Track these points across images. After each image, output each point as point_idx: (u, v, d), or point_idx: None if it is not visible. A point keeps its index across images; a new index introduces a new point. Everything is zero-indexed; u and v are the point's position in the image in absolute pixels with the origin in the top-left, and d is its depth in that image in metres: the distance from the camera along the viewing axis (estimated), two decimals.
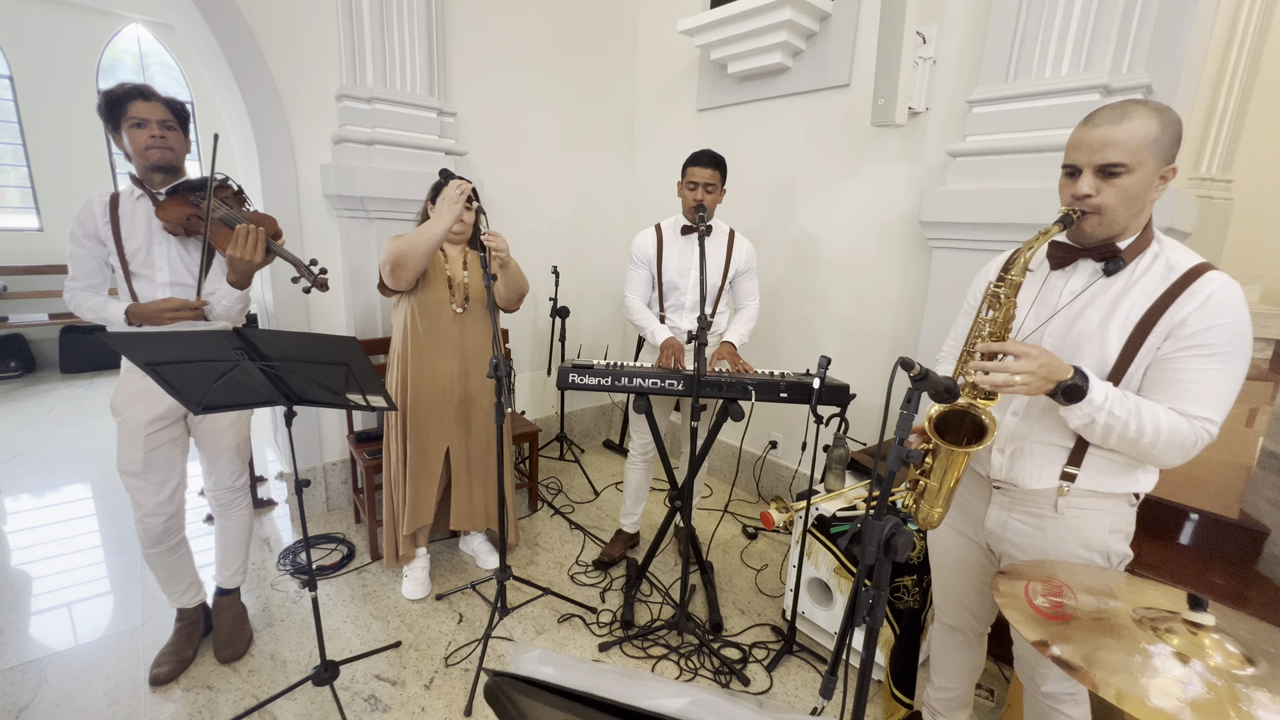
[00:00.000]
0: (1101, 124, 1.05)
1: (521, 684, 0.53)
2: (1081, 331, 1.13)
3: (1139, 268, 1.11)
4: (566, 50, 3.27)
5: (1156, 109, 1.03)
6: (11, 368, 4.95)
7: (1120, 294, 1.11)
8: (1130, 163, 1.03)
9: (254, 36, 2.33)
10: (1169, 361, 1.05)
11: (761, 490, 3.19)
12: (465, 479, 2.26)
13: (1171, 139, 1.04)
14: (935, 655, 1.62)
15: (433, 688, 1.85)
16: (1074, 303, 1.15)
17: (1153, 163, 1.03)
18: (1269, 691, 0.78)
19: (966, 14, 2.18)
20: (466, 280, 2.14)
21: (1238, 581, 1.80)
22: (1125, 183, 1.04)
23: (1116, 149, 1.03)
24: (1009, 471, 1.22)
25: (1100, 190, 1.06)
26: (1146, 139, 1.02)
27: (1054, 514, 1.20)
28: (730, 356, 2.17)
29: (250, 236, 1.64)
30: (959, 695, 1.60)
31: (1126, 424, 1.04)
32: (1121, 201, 1.05)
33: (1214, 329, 1.01)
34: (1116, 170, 1.04)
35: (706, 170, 2.17)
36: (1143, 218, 1.10)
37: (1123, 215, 1.07)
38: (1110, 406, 1.04)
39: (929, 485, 1.19)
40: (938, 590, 1.53)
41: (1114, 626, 0.91)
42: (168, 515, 1.80)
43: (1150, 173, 1.04)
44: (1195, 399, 1.03)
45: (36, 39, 5.14)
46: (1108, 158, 1.04)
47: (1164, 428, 1.03)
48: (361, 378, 1.42)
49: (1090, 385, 1.05)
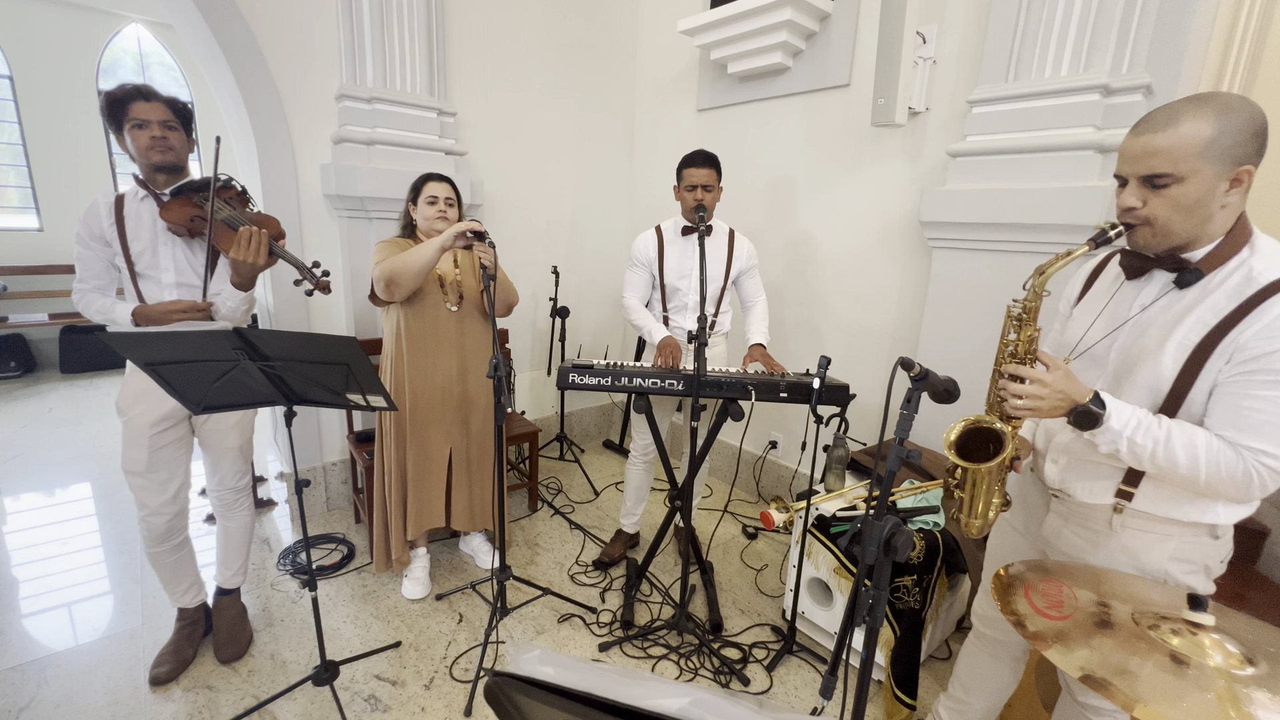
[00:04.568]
0: (1145, 131, 0.96)
1: (521, 684, 0.53)
2: (1142, 349, 1.04)
3: (1216, 279, 0.99)
4: (567, 50, 3.27)
5: (1216, 108, 0.92)
6: (11, 368, 4.94)
7: (1186, 310, 1.00)
8: (1178, 171, 0.93)
9: (254, 36, 2.33)
10: (1226, 387, 0.96)
11: (761, 490, 3.19)
12: (465, 479, 2.26)
13: (1235, 139, 0.91)
14: (961, 665, 1.53)
15: (433, 688, 1.85)
16: (1143, 315, 1.06)
17: (1212, 168, 0.92)
18: (1269, 691, 0.78)
19: (966, 14, 2.18)
20: (458, 277, 2.14)
21: (1238, 581, 1.79)
22: (1175, 193, 0.95)
23: (1161, 158, 0.94)
24: (1062, 481, 1.17)
25: (1148, 201, 0.98)
26: (1196, 145, 0.92)
27: (1108, 530, 1.13)
28: (763, 358, 2.16)
29: (253, 239, 1.64)
30: (974, 715, 1.50)
31: (1154, 453, 0.97)
32: (1174, 212, 0.96)
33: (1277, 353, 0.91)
34: (1163, 181, 0.95)
35: (703, 170, 2.18)
36: (1215, 225, 0.98)
37: (1181, 226, 0.97)
38: (1132, 434, 0.98)
39: (962, 499, 1.17)
40: (982, 595, 1.44)
41: (1112, 624, 0.91)
42: (171, 515, 1.80)
43: (1210, 179, 0.93)
44: (1251, 428, 0.94)
45: (36, 39, 5.14)
46: (1152, 168, 0.95)
47: (1203, 458, 0.95)
48: (361, 378, 1.42)
49: (1108, 412, 0.98)
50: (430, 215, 2.06)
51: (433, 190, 2.07)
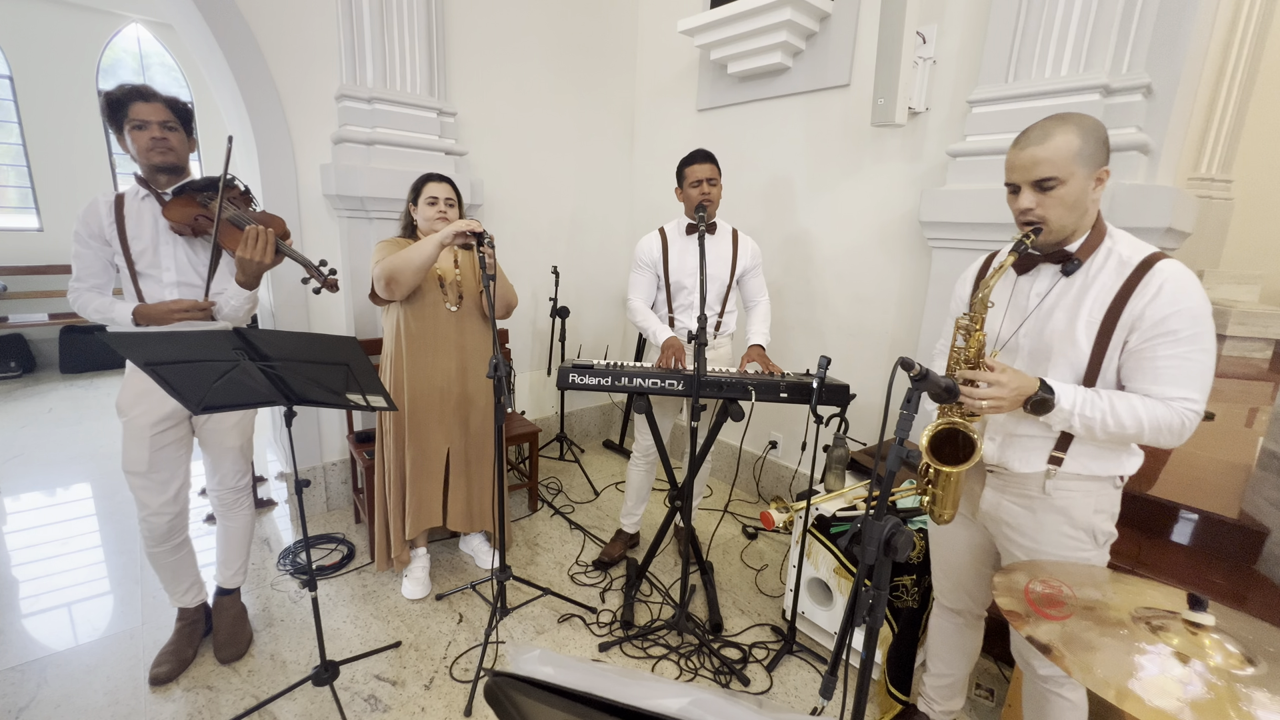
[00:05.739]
0: (1027, 145, 1.15)
1: (521, 684, 0.53)
2: (1053, 332, 1.21)
3: (1094, 265, 1.19)
4: (567, 50, 3.27)
5: (1077, 122, 1.12)
6: (11, 368, 4.95)
7: (1081, 293, 1.19)
8: (1061, 175, 1.12)
9: (254, 36, 2.33)
10: (1139, 353, 1.13)
11: (761, 490, 3.19)
12: (464, 479, 2.26)
13: (1096, 146, 1.12)
14: (933, 641, 1.65)
15: (433, 688, 1.85)
16: (1042, 305, 1.23)
17: (1083, 170, 1.12)
18: (1269, 691, 0.78)
19: (966, 14, 2.18)
20: (458, 277, 2.14)
21: (1238, 581, 1.80)
22: (1061, 193, 1.13)
23: (1045, 165, 1.12)
24: (1000, 457, 1.29)
25: (1041, 203, 1.15)
26: (1070, 151, 1.11)
27: (1042, 495, 1.27)
28: (761, 359, 2.17)
29: (260, 238, 1.64)
30: (955, 682, 1.64)
31: (1104, 423, 1.13)
32: (1062, 209, 1.14)
33: (1173, 316, 1.09)
34: (1050, 184, 1.13)
35: (705, 166, 2.19)
36: (1088, 219, 1.18)
37: (1067, 221, 1.16)
38: (1080, 410, 1.13)
39: (936, 494, 1.28)
40: (938, 573, 1.58)
41: (1111, 625, 0.91)
42: (172, 515, 1.80)
43: (1083, 179, 1.13)
44: (1170, 382, 1.11)
45: (36, 39, 5.14)
46: (1040, 173, 1.13)
47: (1144, 418, 1.11)
48: (361, 378, 1.42)
49: (1056, 396, 1.13)
50: (430, 215, 2.06)
51: (433, 190, 2.07)
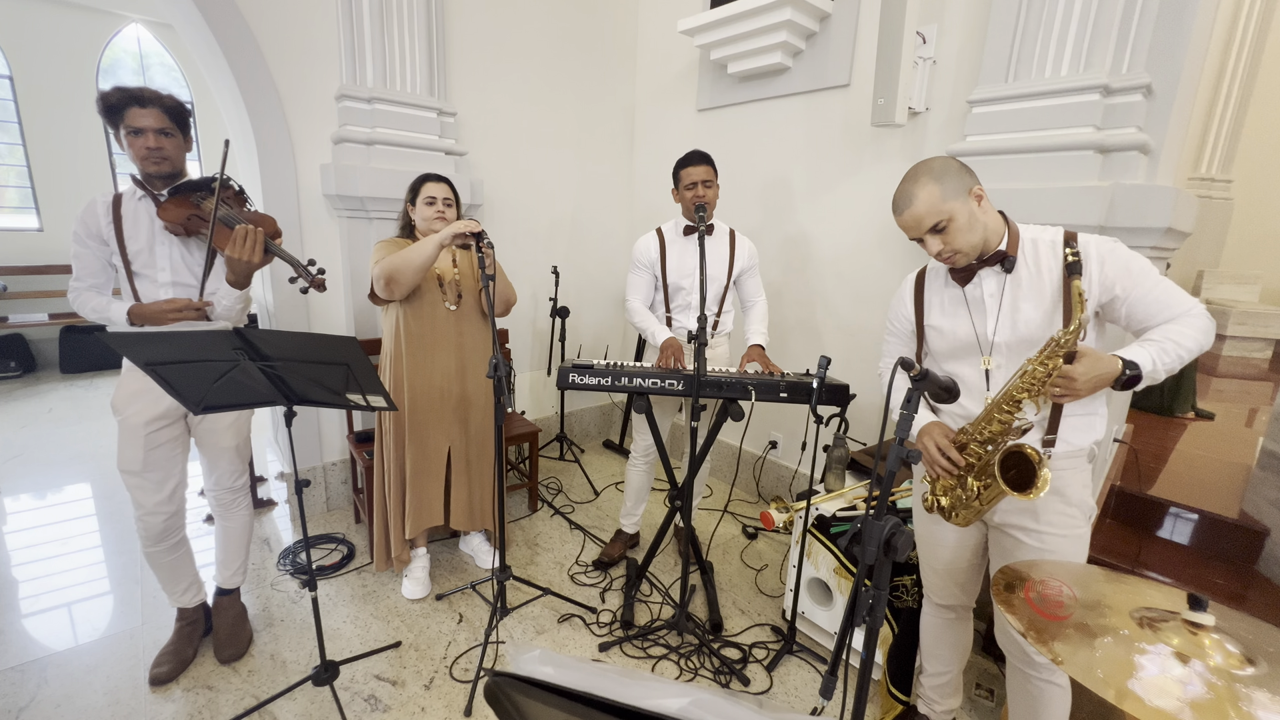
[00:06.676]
0: (904, 210, 1.27)
1: (521, 684, 0.53)
2: (1028, 323, 1.28)
3: (1028, 256, 1.30)
4: (567, 50, 3.27)
5: (926, 171, 1.25)
6: (11, 368, 4.94)
7: (1034, 280, 1.28)
8: (941, 218, 1.24)
9: (254, 36, 2.33)
10: (1134, 297, 1.24)
11: (761, 490, 3.19)
12: (464, 479, 2.26)
13: (954, 178, 1.24)
14: (927, 640, 1.65)
15: (433, 688, 1.85)
16: (1002, 303, 1.31)
17: (957, 202, 1.24)
18: (1269, 691, 0.78)
19: (966, 14, 2.18)
20: (457, 277, 2.14)
21: (1238, 581, 1.80)
22: (954, 228, 1.25)
23: (927, 218, 1.25)
24: None
25: (945, 241, 1.27)
26: (935, 198, 1.23)
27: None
28: (760, 358, 2.17)
29: (249, 237, 1.63)
30: (951, 679, 1.65)
31: (1178, 356, 1.21)
32: (963, 236, 1.25)
33: (1128, 263, 1.24)
34: (941, 227, 1.25)
35: (700, 168, 2.19)
36: (995, 222, 1.29)
37: (975, 240, 1.27)
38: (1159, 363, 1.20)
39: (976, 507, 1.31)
40: (927, 571, 1.58)
41: (1111, 625, 0.91)
42: (168, 514, 1.80)
43: (963, 207, 1.24)
44: (1173, 303, 1.23)
45: (36, 39, 5.14)
46: (927, 225, 1.26)
47: (1188, 333, 1.21)
48: (361, 378, 1.42)
49: (1142, 368, 1.19)
50: (428, 215, 2.06)
51: (431, 190, 2.07)
